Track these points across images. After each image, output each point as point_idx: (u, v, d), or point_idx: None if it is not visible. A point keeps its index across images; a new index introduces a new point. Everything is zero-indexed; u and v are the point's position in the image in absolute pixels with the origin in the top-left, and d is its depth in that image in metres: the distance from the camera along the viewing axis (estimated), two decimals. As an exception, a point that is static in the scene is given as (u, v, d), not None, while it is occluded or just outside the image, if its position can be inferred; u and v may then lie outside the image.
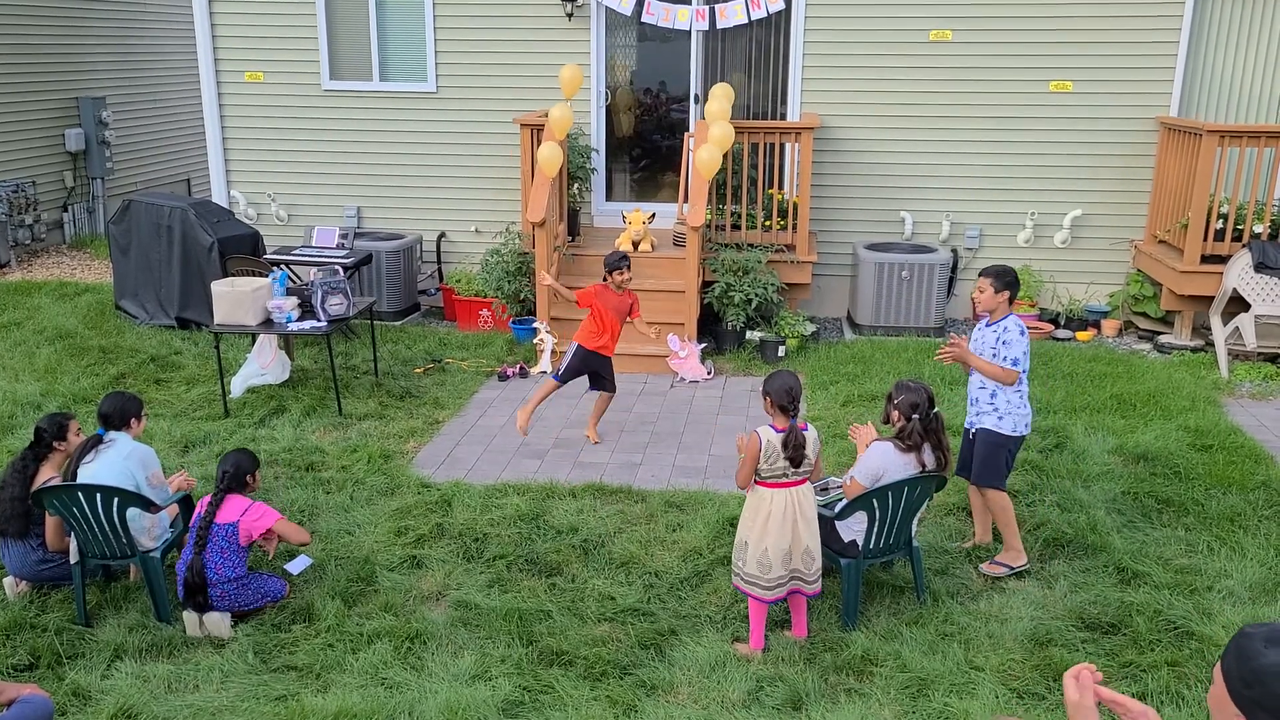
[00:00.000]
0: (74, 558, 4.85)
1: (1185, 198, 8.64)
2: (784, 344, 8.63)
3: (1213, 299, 8.51)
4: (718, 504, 5.98)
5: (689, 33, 9.89)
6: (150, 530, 4.94)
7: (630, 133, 10.61)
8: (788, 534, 4.49)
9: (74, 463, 4.89)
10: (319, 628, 4.79)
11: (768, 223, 9.23)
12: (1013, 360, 5.01)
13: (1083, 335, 9.35)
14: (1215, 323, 8.42)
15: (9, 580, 5.10)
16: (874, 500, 4.65)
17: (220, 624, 4.75)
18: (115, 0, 14.02)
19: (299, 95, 10.54)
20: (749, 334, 8.81)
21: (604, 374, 6.96)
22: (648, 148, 10.66)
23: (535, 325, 8.55)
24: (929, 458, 4.75)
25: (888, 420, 4.87)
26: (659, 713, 4.20)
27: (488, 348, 8.97)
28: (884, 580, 5.19)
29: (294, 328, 7.22)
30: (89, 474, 4.81)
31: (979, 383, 5.22)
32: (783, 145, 9.36)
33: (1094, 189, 9.63)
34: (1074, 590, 5.10)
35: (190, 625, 4.76)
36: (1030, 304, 9.59)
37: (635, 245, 8.99)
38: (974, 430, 5.29)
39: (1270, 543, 5.51)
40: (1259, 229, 8.51)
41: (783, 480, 4.49)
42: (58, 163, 13.13)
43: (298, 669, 4.52)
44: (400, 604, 5.00)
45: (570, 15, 9.82)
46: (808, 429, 4.54)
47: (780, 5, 9.44)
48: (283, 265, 9.13)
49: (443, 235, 10.62)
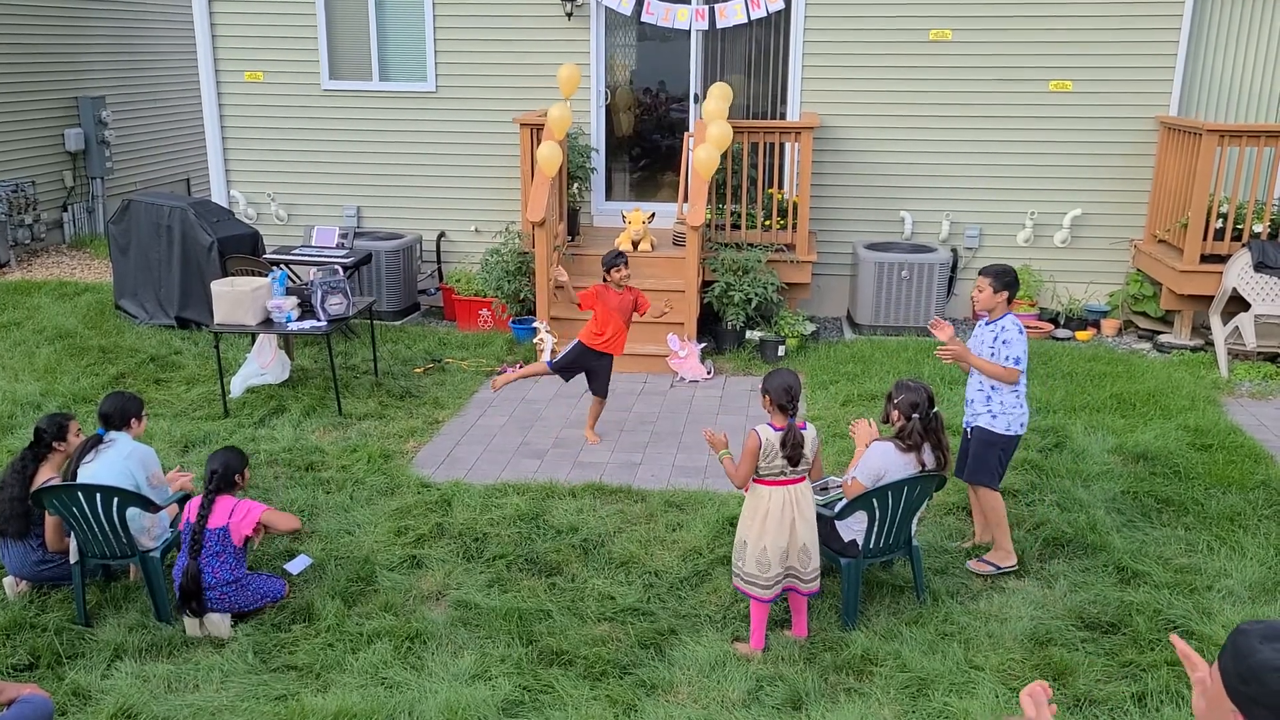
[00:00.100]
0: (74, 557, 4.85)
1: (1185, 197, 8.64)
2: (784, 343, 8.63)
3: (1212, 298, 8.51)
4: (717, 504, 5.98)
5: (688, 32, 9.89)
6: (150, 530, 4.95)
7: (630, 132, 10.61)
8: (786, 532, 4.50)
9: (74, 462, 4.89)
10: (319, 627, 4.79)
11: (767, 222, 9.23)
12: (1015, 359, 5.01)
13: (1082, 335, 9.35)
14: (1215, 322, 8.42)
15: (9, 580, 5.10)
16: (874, 500, 4.65)
17: (220, 624, 4.75)
18: (115, 0, 14.02)
19: (299, 95, 10.55)
20: (749, 333, 8.81)
21: (599, 376, 6.96)
22: (647, 147, 10.67)
23: (535, 325, 8.54)
24: (929, 457, 4.75)
25: (888, 420, 4.87)
26: (659, 712, 4.20)
27: (487, 347, 8.97)
28: (884, 580, 5.19)
29: (294, 327, 7.22)
30: (89, 474, 4.81)
31: (976, 383, 5.22)
32: (782, 145, 9.36)
33: (1094, 188, 9.63)
34: (1074, 590, 5.10)
35: (190, 625, 4.76)
36: (1030, 303, 9.59)
37: (635, 245, 8.99)
38: (970, 428, 5.30)
39: (1270, 542, 5.51)
40: (1259, 228, 8.51)
41: (781, 478, 4.49)
42: (57, 162, 13.13)
43: (297, 669, 4.52)
44: (400, 604, 5.00)
45: (570, 15, 9.82)
46: (806, 428, 4.54)
47: (780, 5, 9.44)
48: (282, 265, 9.13)
49: (442, 235, 10.62)
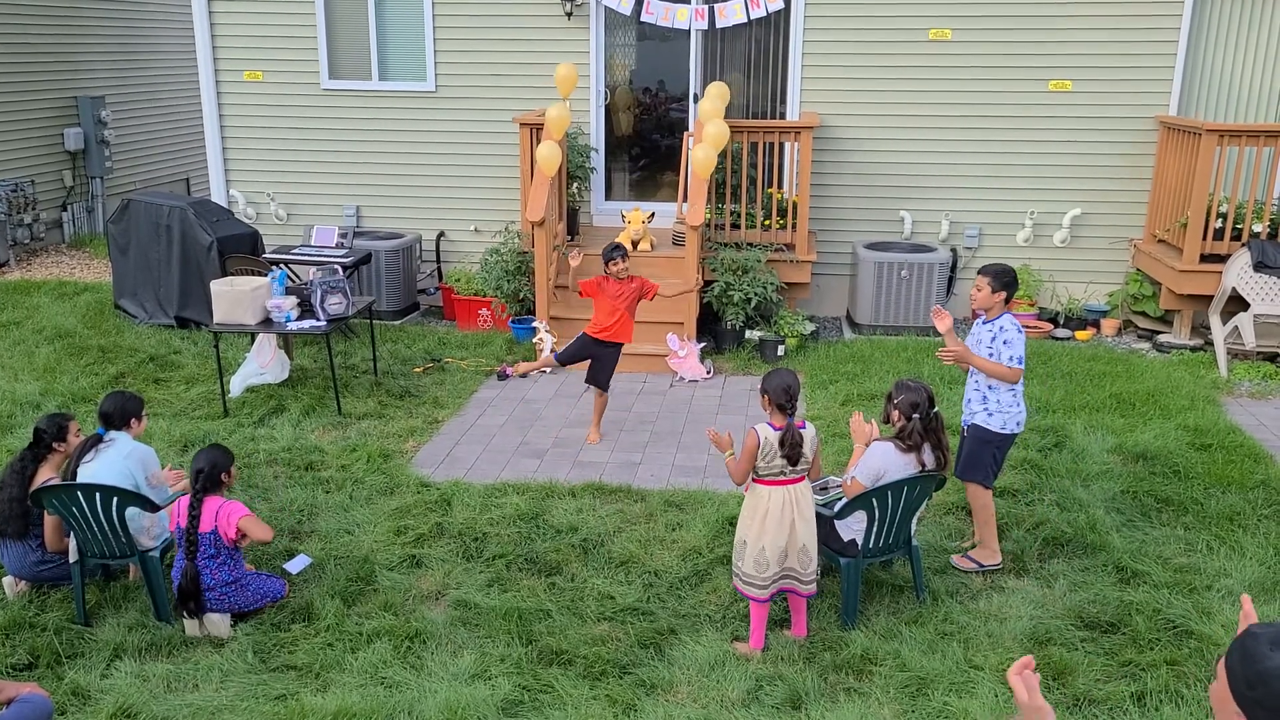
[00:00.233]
0: (73, 557, 4.85)
1: (1184, 197, 8.64)
2: (783, 343, 8.63)
3: (1212, 298, 8.51)
4: (717, 503, 5.98)
5: (688, 32, 9.88)
6: (149, 529, 4.94)
7: (629, 132, 10.61)
8: (785, 532, 4.49)
9: (74, 462, 4.89)
10: (318, 627, 4.79)
11: (767, 222, 9.23)
12: (1017, 359, 5.02)
13: (1082, 334, 9.35)
14: (1214, 322, 8.42)
15: (8, 580, 5.10)
16: (873, 499, 4.65)
17: (220, 624, 4.75)
18: (114, 0, 14.01)
19: (298, 95, 10.54)
20: (748, 333, 8.81)
21: (602, 365, 6.96)
22: (647, 147, 10.67)
23: (534, 324, 8.55)
24: (929, 457, 4.75)
25: (888, 420, 4.87)
26: (658, 712, 4.20)
27: (487, 347, 8.97)
28: (883, 579, 5.19)
29: (293, 327, 7.22)
30: (89, 473, 4.81)
31: (974, 382, 5.22)
32: (782, 144, 9.36)
33: (1093, 188, 9.63)
34: (1073, 589, 5.10)
35: (189, 625, 4.75)
36: (1030, 303, 9.58)
37: (635, 244, 8.99)
38: (965, 426, 5.30)
39: (1269, 542, 5.51)
40: (1258, 228, 8.51)
41: (780, 478, 4.49)
42: (57, 162, 13.12)
43: (297, 668, 4.52)
44: (400, 603, 5.00)
45: (570, 14, 9.82)
46: (805, 427, 4.54)
47: (779, 4, 9.43)
48: (282, 264, 9.13)
49: (442, 234, 10.62)
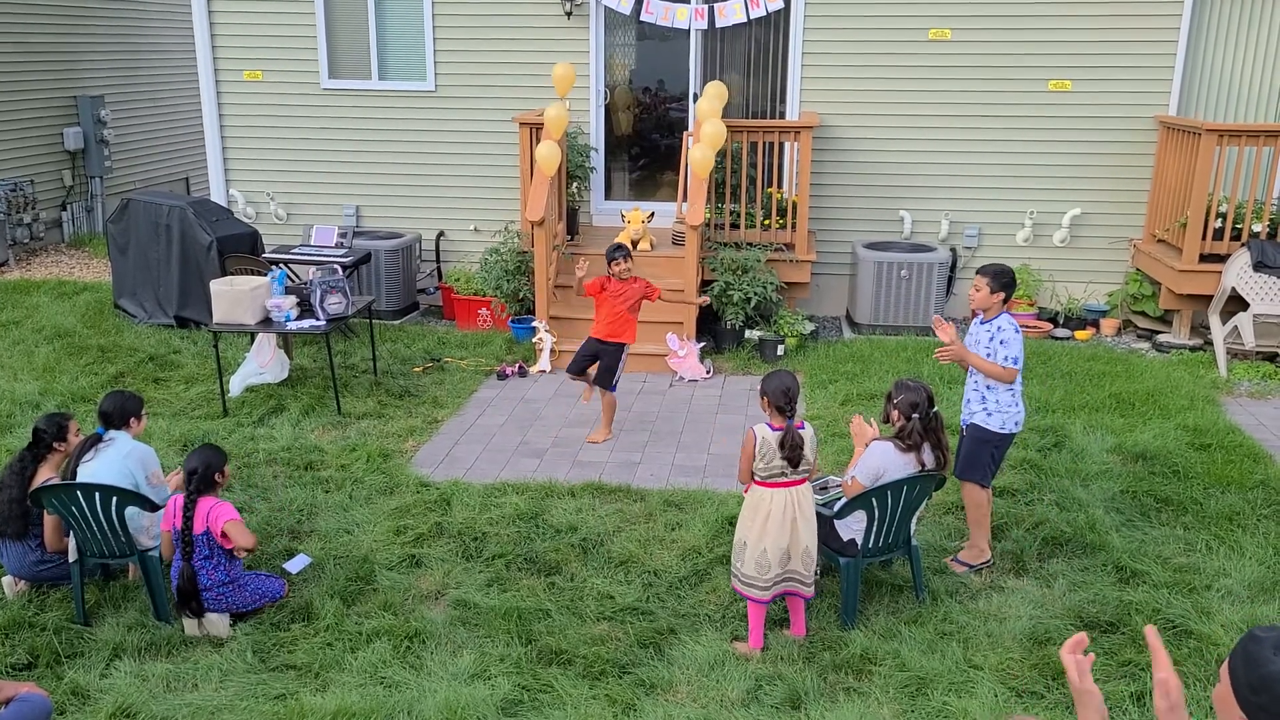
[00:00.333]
0: (73, 556, 4.85)
1: (1184, 196, 8.64)
2: (783, 343, 8.63)
3: (1211, 298, 8.51)
4: (717, 503, 5.98)
5: (688, 32, 9.88)
6: (149, 529, 4.94)
7: (629, 131, 10.61)
8: (787, 533, 4.49)
9: (73, 461, 4.89)
10: (318, 627, 4.79)
11: (767, 221, 9.23)
12: (1014, 359, 5.01)
13: (1081, 334, 9.35)
14: (1214, 322, 8.42)
15: (8, 579, 5.10)
16: (873, 499, 4.65)
17: (219, 623, 4.75)
18: (114, -1, 14.03)
19: (298, 94, 10.54)
20: (748, 333, 8.81)
21: (604, 364, 6.96)
22: (646, 146, 10.67)
23: (534, 324, 8.55)
24: (928, 457, 4.75)
25: (887, 420, 4.86)
26: (658, 711, 4.20)
27: (487, 347, 8.97)
28: (883, 579, 5.19)
29: (293, 326, 7.22)
30: (88, 473, 4.81)
31: (973, 381, 5.22)
32: (782, 144, 9.35)
33: (1093, 188, 9.63)
34: (1073, 589, 5.10)
35: (189, 625, 4.75)
36: (1029, 303, 9.59)
37: (634, 244, 8.98)
38: (965, 425, 5.30)
39: (1269, 541, 5.51)
40: (1258, 228, 8.51)
41: (781, 480, 4.49)
42: (56, 161, 13.12)
43: (296, 668, 4.52)
44: (399, 603, 5.00)
45: (569, 14, 9.82)
46: (805, 427, 4.54)
47: (779, 4, 9.43)
48: (281, 264, 9.11)
49: (441, 234, 10.62)
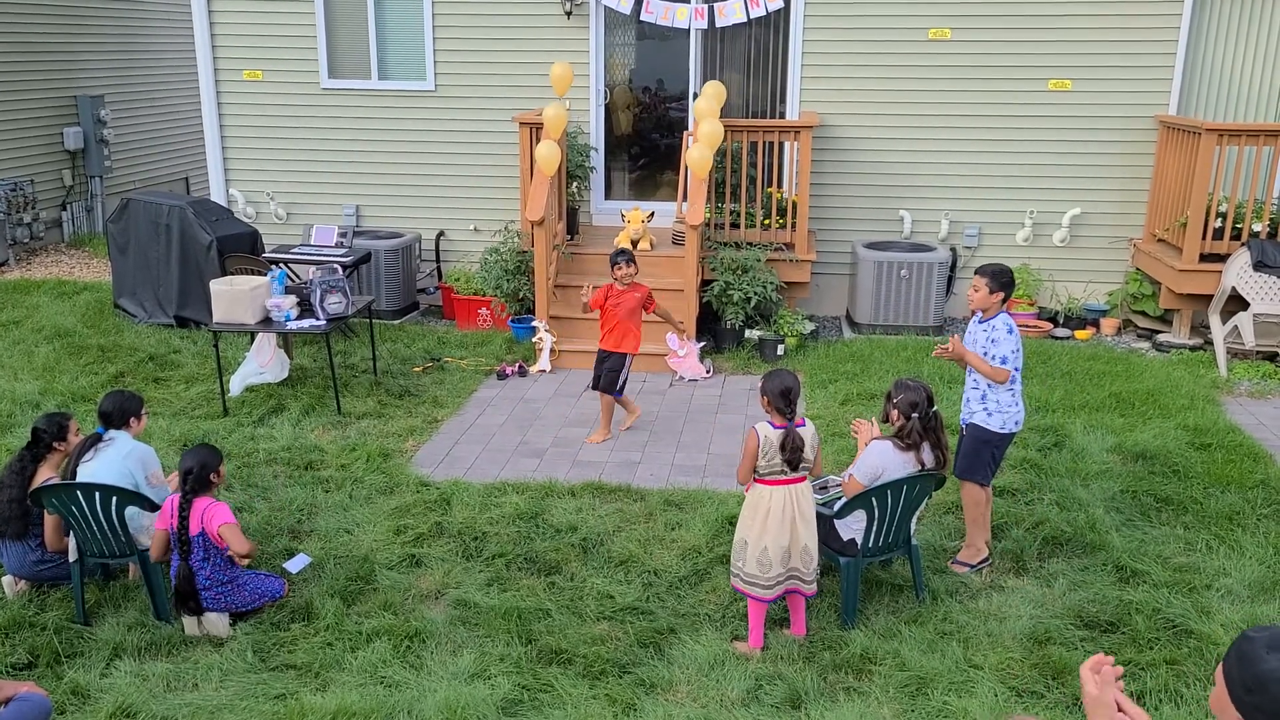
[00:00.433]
0: (73, 556, 4.85)
1: (1184, 196, 8.64)
2: (783, 342, 8.63)
3: (1211, 297, 8.51)
4: (716, 502, 5.98)
5: (688, 31, 9.88)
6: (149, 529, 4.94)
7: (629, 131, 10.61)
8: (787, 532, 4.49)
9: (73, 461, 4.89)
10: (318, 626, 4.79)
11: (767, 221, 9.23)
12: (1002, 359, 5.01)
13: (1081, 334, 9.35)
14: (1214, 321, 8.42)
15: (8, 579, 5.10)
16: (873, 499, 4.65)
17: (219, 623, 4.75)
18: (114, -2, 14.03)
19: (298, 94, 10.54)
20: (748, 332, 8.81)
21: (610, 364, 6.98)
22: (646, 146, 10.66)
23: (534, 324, 8.55)
24: (928, 456, 4.75)
25: (887, 419, 4.87)
26: (658, 711, 4.20)
27: (487, 346, 8.97)
28: (883, 579, 5.19)
29: (293, 326, 7.22)
30: (88, 473, 4.81)
31: (972, 381, 5.22)
32: (782, 144, 9.35)
33: (1093, 187, 9.63)
34: (1073, 589, 5.10)
35: (189, 624, 4.75)
36: (1029, 302, 9.59)
37: (634, 244, 8.98)
38: (964, 425, 5.30)
39: (1269, 541, 5.51)
40: (1258, 227, 8.51)
41: (781, 477, 4.49)
42: (56, 161, 13.12)
43: (296, 668, 4.51)
44: (399, 603, 5.00)
45: (569, 14, 9.81)
46: (805, 424, 4.54)
47: (779, 4, 9.43)
48: (281, 264, 9.11)
49: (441, 234, 10.62)
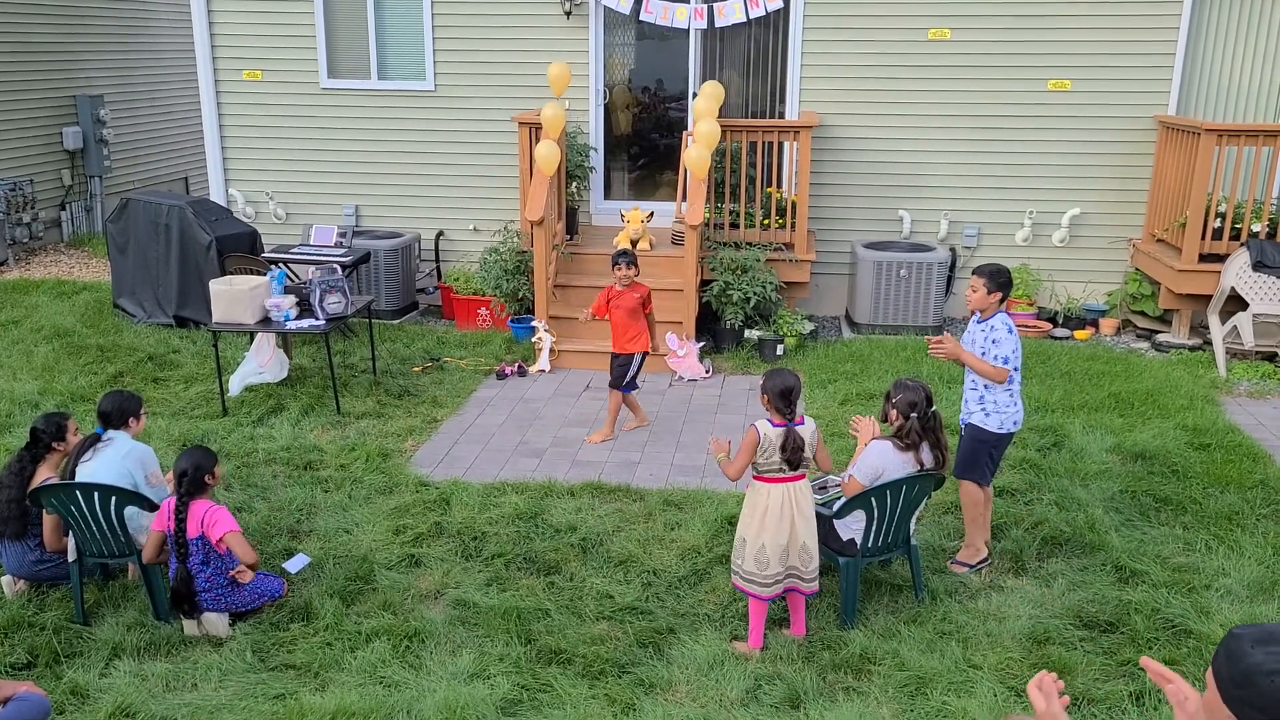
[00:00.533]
0: (72, 556, 4.85)
1: (1183, 196, 8.64)
2: (782, 342, 8.63)
3: (1211, 298, 8.51)
4: (716, 502, 5.98)
5: (687, 31, 9.88)
6: (148, 529, 4.93)
7: (628, 131, 10.61)
8: (785, 529, 4.49)
9: (72, 461, 4.89)
10: (317, 626, 4.78)
11: (766, 221, 9.24)
12: (1003, 359, 5.01)
13: (1081, 334, 9.35)
14: (1213, 321, 8.43)
15: (7, 579, 5.10)
16: (872, 499, 4.65)
17: (218, 623, 4.74)
18: (113, -2, 14.02)
19: (297, 94, 10.54)
20: (747, 332, 8.81)
21: (618, 360, 7.00)
22: (646, 146, 10.66)
23: (534, 324, 8.55)
24: (927, 456, 4.75)
25: (886, 419, 4.87)
26: (657, 711, 4.20)
27: (486, 346, 8.97)
28: (882, 579, 5.19)
29: (292, 326, 7.21)
30: (87, 472, 4.81)
31: (970, 381, 5.22)
32: (781, 144, 9.35)
33: (1092, 188, 9.63)
34: (1072, 589, 5.10)
35: (188, 625, 4.75)
36: (1029, 302, 9.59)
37: (634, 244, 8.98)
38: (963, 425, 5.30)
39: (1268, 541, 5.51)
40: (1257, 228, 8.52)
41: (780, 475, 4.49)
42: (55, 161, 13.11)
43: (296, 668, 4.51)
44: (398, 603, 5.00)
45: (569, 14, 9.81)
46: (805, 422, 4.54)
47: (778, 4, 9.43)
48: (281, 263, 9.11)
49: (441, 234, 10.62)
